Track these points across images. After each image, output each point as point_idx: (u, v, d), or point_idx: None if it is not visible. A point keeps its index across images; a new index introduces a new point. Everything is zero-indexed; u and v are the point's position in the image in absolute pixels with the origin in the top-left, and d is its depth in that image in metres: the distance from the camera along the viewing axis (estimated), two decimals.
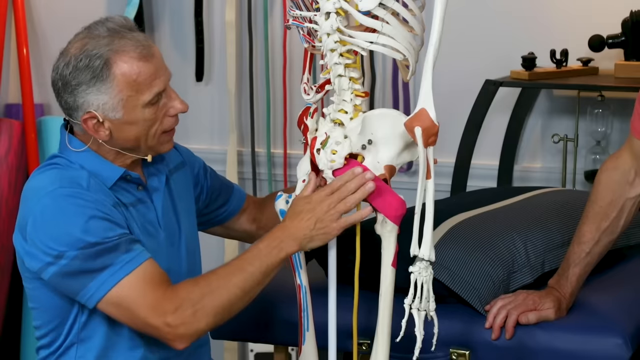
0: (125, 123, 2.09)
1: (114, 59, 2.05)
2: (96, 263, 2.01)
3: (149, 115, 2.10)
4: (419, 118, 1.94)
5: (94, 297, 2.03)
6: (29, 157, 3.61)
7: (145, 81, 2.07)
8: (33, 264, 2.06)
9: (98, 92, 2.06)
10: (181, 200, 2.27)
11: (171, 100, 2.12)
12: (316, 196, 2.05)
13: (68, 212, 2.02)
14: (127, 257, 2.03)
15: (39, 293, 2.12)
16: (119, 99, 2.06)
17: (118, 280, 2.01)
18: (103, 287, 2.02)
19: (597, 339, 2.18)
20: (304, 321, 2.18)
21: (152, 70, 2.08)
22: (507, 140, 3.37)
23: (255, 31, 3.64)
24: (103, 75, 2.05)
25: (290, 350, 2.94)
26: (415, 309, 2.01)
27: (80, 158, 2.12)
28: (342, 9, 1.99)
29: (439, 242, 2.30)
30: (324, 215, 2.04)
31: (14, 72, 3.75)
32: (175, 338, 2.02)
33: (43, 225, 2.03)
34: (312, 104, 2.12)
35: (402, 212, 2.03)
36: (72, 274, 2.02)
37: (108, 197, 2.09)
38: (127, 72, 2.06)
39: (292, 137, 3.64)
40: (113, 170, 2.13)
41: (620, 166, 2.28)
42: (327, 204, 2.04)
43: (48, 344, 2.16)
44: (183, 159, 2.34)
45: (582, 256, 2.28)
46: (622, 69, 3.11)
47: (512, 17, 3.36)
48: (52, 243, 2.02)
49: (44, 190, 2.05)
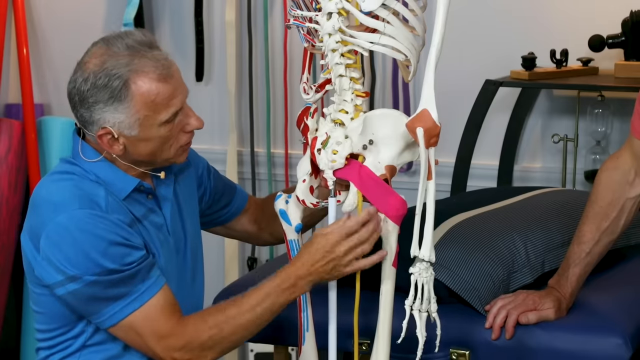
0: (140, 140, 2.08)
1: (133, 79, 2.04)
2: (112, 292, 2.02)
3: (165, 133, 2.09)
4: (421, 119, 1.94)
5: (105, 323, 2.05)
6: (29, 157, 3.61)
7: (163, 101, 2.06)
8: (45, 277, 2.05)
9: (115, 111, 2.05)
10: (186, 204, 2.27)
11: (187, 118, 2.12)
12: (333, 236, 2.04)
13: (87, 235, 2.01)
14: (143, 287, 2.04)
15: (45, 299, 2.11)
16: (136, 118, 2.06)
17: (132, 310, 2.03)
18: (116, 316, 2.04)
19: (597, 339, 2.18)
20: (303, 321, 2.18)
21: (170, 90, 2.07)
22: (507, 140, 3.37)
23: (255, 31, 3.64)
24: (121, 96, 2.04)
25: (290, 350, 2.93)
26: (417, 310, 2.01)
27: (95, 167, 2.11)
28: (344, 9, 1.99)
29: (439, 242, 2.30)
30: (341, 260, 2.05)
31: (14, 72, 3.75)
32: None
33: (59, 244, 2.02)
34: (311, 104, 2.12)
35: (403, 212, 2.04)
36: (87, 298, 2.03)
37: (125, 216, 2.08)
38: (146, 93, 2.04)
39: (292, 137, 3.64)
40: (127, 181, 2.12)
41: (620, 166, 2.28)
42: (346, 248, 2.04)
43: (48, 347, 2.16)
44: (187, 160, 2.34)
45: (582, 256, 2.28)
46: (622, 69, 3.11)
47: (512, 17, 3.36)
48: (68, 264, 2.01)
49: (62, 207, 2.03)
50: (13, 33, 3.70)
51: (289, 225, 2.17)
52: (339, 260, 2.04)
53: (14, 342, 3.71)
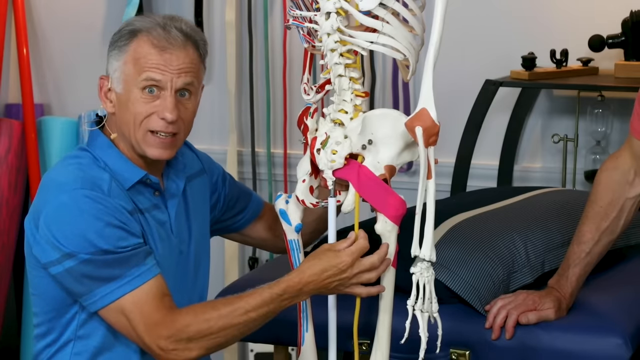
0: (122, 100, 2.11)
1: (138, 35, 2.11)
2: (105, 272, 2.03)
3: (139, 100, 2.10)
4: (419, 118, 1.94)
5: (96, 304, 2.05)
6: (29, 157, 3.61)
7: (146, 64, 2.09)
8: (41, 255, 2.07)
9: (114, 58, 2.13)
10: (196, 208, 2.27)
11: (164, 105, 2.11)
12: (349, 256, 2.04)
13: (85, 215, 2.03)
14: (137, 272, 2.04)
15: (42, 282, 2.13)
16: (122, 71, 2.11)
17: (124, 293, 2.04)
18: (108, 297, 2.04)
19: (597, 339, 2.18)
20: (303, 322, 2.18)
21: (159, 61, 2.09)
22: (507, 140, 3.37)
23: (255, 31, 3.64)
24: (122, 43, 2.12)
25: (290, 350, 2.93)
26: (419, 310, 2.01)
27: (105, 155, 2.14)
28: (342, 9, 1.99)
29: (439, 242, 2.30)
30: (347, 281, 2.05)
31: (14, 72, 3.75)
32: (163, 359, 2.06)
33: (57, 221, 2.04)
34: (312, 104, 2.12)
35: (402, 212, 2.03)
36: (80, 277, 2.04)
37: (127, 203, 2.09)
38: (138, 50, 2.10)
39: (292, 137, 3.64)
40: (134, 172, 2.14)
41: (620, 166, 2.28)
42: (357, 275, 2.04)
43: (44, 334, 2.17)
44: (203, 166, 2.35)
45: (582, 256, 2.28)
46: (622, 69, 3.11)
47: (512, 17, 3.36)
48: (64, 241, 2.03)
49: (64, 187, 2.06)
50: (13, 33, 3.70)
51: (288, 225, 2.17)
52: (346, 281, 2.05)
53: (14, 342, 3.71)
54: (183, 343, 2.03)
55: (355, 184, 2.04)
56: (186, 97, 2.14)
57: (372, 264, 2.04)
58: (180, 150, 2.24)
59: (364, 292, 2.06)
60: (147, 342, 2.04)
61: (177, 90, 2.12)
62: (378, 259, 2.04)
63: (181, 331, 2.03)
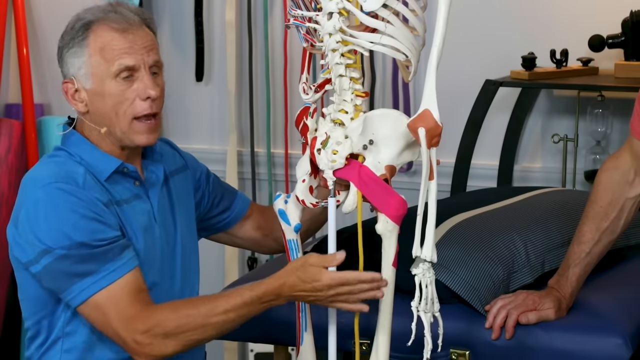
0: (96, 95, 2.11)
1: (94, 26, 2.09)
2: (81, 267, 2.03)
3: (116, 90, 2.10)
4: (422, 119, 1.94)
5: (75, 300, 2.05)
6: (29, 157, 3.61)
7: (114, 51, 2.09)
8: (21, 255, 2.08)
9: (74, 56, 2.10)
10: (180, 203, 2.27)
11: (143, 84, 2.11)
12: (328, 280, 2.01)
13: (60, 208, 2.04)
14: (112, 267, 2.04)
15: (27, 284, 2.14)
16: (89, 65, 2.09)
17: (100, 288, 2.03)
18: (84, 293, 2.04)
19: (597, 339, 2.18)
20: (302, 322, 2.18)
21: (125, 44, 2.09)
22: (507, 140, 3.37)
23: (255, 31, 3.64)
24: (79, 38, 2.09)
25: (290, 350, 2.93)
26: (422, 311, 2.01)
27: (80, 150, 2.14)
28: (344, 9, 1.99)
29: (439, 242, 2.30)
30: (324, 300, 2.03)
31: (14, 72, 3.75)
32: (139, 355, 2.05)
33: (34, 219, 2.05)
34: (310, 104, 2.12)
35: (403, 212, 2.03)
36: (57, 274, 2.04)
37: (101, 195, 2.10)
38: (100, 39, 2.09)
39: (292, 137, 3.64)
40: (110, 161, 2.14)
41: (620, 166, 2.28)
42: (333, 295, 2.01)
43: (34, 336, 2.17)
44: (185, 163, 2.35)
45: (582, 256, 2.28)
46: (622, 69, 3.11)
47: (512, 17, 3.36)
48: (42, 236, 2.03)
49: (39, 183, 2.07)
50: (13, 33, 3.70)
51: (287, 225, 2.17)
52: (322, 299, 2.03)
53: (14, 342, 3.71)
54: (159, 338, 2.02)
55: (356, 184, 2.04)
56: (157, 74, 2.15)
57: (351, 292, 2.01)
58: (158, 145, 2.26)
59: (345, 307, 2.04)
60: (123, 336, 2.03)
61: (150, 67, 2.12)
62: (359, 289, 2.00)
63: (158, 326, 2.02)
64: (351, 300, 2.02)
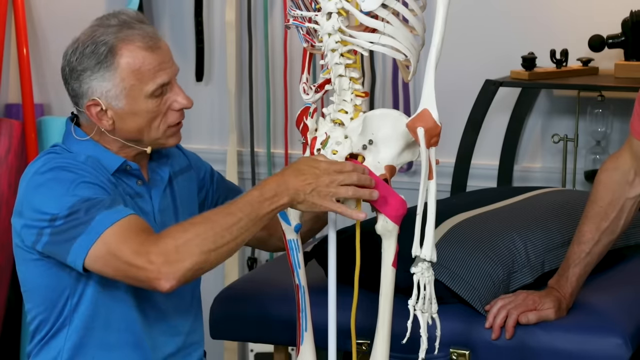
0: (128, 113, 2.10)
1: (119, 46, 2.08)
2: (83, 218, 2.00)
3: (152, 107, 2.11)
4: (421, 118, 1.94)
5: (81, 255, 2.00)
6: (29, 157, 3.61)
7: (149, 71, 2.09)
8: (29, 236, 2.06)
9: (102, 79, 2.08)
10: (183, 204, 2.27)
11: (176, 95, 2.13)
12: (324, 165, 1.99)
13: (62, 181, 2.04)
14: (112, 211, 2.00)
15: (32, 273, 2.13)
16: (122, 88, 2.08)
17: (102, 231, 1.99)
18: (89, 239, 1.99)
19: (597, 339, 2.18)
20: (302, 321, 2.18)
21: (156, 61, 2.10)
22: (507, 140, 3.37)
23: (255, 31, 3.64)
24: (107, 62, 2.07)
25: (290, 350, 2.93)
26: (419, 310, 2.01)
27: (82, 147, 2.14)
28: (343, 9, 1.99)
29: (439, 242, 2.30)
30: (322, 188, 1.98)
31: (14, 72, 3.75)
32: (159, 276, 1.95)
33: (37, 194, 2.05)
34: (311, 104, 2.12)
35: (402, 212, 2.03)
36: (62, 234, 2.01)
37: (104, 177, 2.10)
38: (131, 61, 2.08)
39: (292, 137, 3.64)
40: (113, 159, 2.14)
41: (620, 166, 2.28)
42: (330, 180, 1.98)
43: (38, 327, 2.16)
44: (189, 162, 2.35)
45: (582, 256, 2.28)
46: (622, 69, 3.11)
47: (512, 17, 3.36)
48: (45, 208, 2.03)
49: (39, 171, 2.08)
50: (13, 33, 3.70)
51: (288, 225, 2.17)
52: (320, 187, 1.98)
53: (14, 341, 3.71)
54: (173, 253, 1.95)
55: None
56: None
57: (345, 180, 1.97)
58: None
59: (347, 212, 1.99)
60: (137, 262, 1.96)
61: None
62: (356, 177, 1.98)
63: (166, 239, 1.96)
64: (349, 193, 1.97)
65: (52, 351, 2.15)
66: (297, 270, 2.16)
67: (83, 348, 2.14)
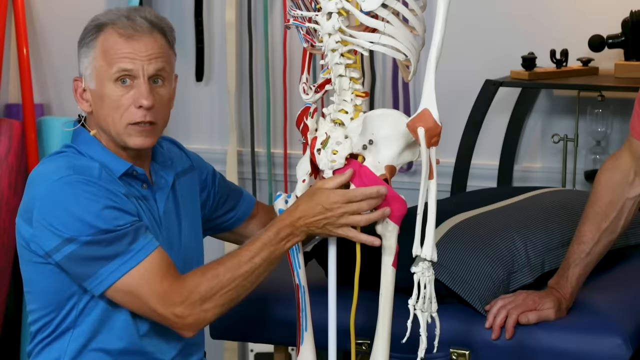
0: (98, 96, 2.13)
1: (105, 28, 2.12)
2: (107, 250, 2.03)
3: (115, 95, 2.11)
4: (421, 118, 1.94)
5: (102, 285, 2.05)
6: (29, 157, 3.61)
7: (116, 55, 2.10)
8: (43, 245, 2.07)
9: (84, 55, 2.15)
10: (185, 206, 2.27)
11: (139, 92, 2.12)
12: (334, 198, 2.03)
13: (80, 198, 2.04)
14: (138, 246, 2.05)
15: (39, 276, 2.13)
16: (93, 67, 2.12)
17: (128, 270, 2.04)
18: (113, 276, 2.04)
19: (597, 339, 2.18)
20: (302, 321, 2.18)
21: (127, 49, 2.11)
22: (507, 140, 3.37)
23: (255, 31, 3.64)
24: (90, 40, 2.13)
25: (290, 350, 2.93)
26: (419, 310, 2.01)
27: (90, 149, 2.15)
28: (344, 9, 1.99)
29: (439, 242, 2.30)
30: (335, 220, 2.04)
31: (14, 72, 3.75)
32: (183, 327, 2.06)
33: (54, 209, 2.05)
34: (311, 104, 2.12)
35: (402, 212, 2.03)
36: (83, 259, 2.04)
37: (119, 187, 2.11)
38: (105, 43, 2.11)
39: (292, 137, 3.64)
40: (120, 164, 2.15)
41: (620, 166, 2.28)
42: (342, 211, 2.03)
43: (40, 329, 2.16)
44: (192, 163, 2.36)
45: (582, 256, 2.28)
46: (622, 69, 3.11)
47: (512, 17, 3.36)
48: (63, 227, 2.03)
49: (55, 176, 2.07)
50: (13, 33, 3.70)
51: None
52: (332, 220, 2.04)
53: (15, 341, 3.71)
54: (197, 305, 2.04)
55: (356, 184, 2.04)
56: (159, 84, 2.15)
57: (359, 208, 2.02)
58: (167, 146, 2.29)
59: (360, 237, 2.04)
60: (162, 312, 2.04)
61: (150, 77, 2.13)
62: (367, 205, 2.02)
63: (192, 293, 2.04)
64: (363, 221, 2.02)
65: (55, 352, 2.15)
66: (297, 270, 2.16)
67: (86, 351, 2.14)
